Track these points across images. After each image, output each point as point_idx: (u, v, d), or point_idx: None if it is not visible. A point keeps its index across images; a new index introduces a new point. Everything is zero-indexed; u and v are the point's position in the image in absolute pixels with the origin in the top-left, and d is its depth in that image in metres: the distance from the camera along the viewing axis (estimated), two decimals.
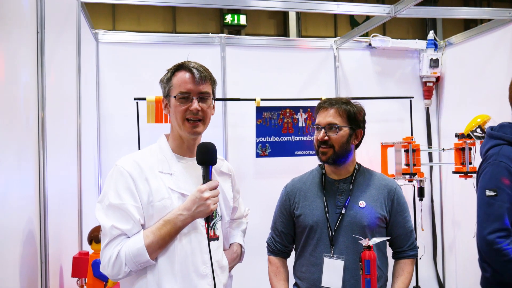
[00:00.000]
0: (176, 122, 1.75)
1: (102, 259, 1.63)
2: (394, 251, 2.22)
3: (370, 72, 4.32)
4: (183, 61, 1.80)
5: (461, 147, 3.59)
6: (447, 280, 4.38)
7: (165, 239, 1.65)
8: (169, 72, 1.80)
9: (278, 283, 2.22)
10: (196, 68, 1.75)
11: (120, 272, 1.61)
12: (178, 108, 1.73)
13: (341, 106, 2.11)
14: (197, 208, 1.65)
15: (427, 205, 4.36)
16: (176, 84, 1.75)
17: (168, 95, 1.78)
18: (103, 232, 1.65)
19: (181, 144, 1.80)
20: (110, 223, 1.63)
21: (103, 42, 3.77)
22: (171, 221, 1.65)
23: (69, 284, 2.51)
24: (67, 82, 2.79)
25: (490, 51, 3.75)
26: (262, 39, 4.24)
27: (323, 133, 2.09)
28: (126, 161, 1.72)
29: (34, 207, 2.02)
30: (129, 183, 1.66)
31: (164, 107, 1.81)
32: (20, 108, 1.89)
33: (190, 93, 1.73)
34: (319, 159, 2.16)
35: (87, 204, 3.14)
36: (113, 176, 1.69)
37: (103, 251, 1.63)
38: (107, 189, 1.68)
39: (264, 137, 3.85)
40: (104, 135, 3.73)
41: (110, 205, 1.65)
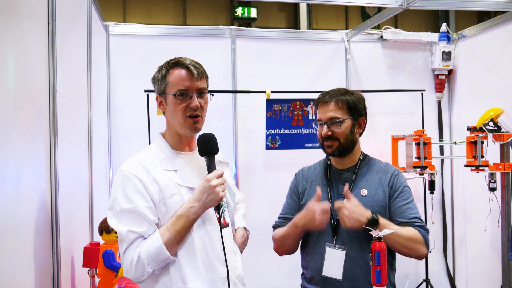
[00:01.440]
0: (176, 120, 1.74)
1: (124, 264, 1.64)
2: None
3: (382, 65, 4.29)
4: (176, 58, 1.78)
5: (473, 141, 3.56)
6: (457, 273, 4.36)
7: (181, 234, 1.66)
8: (163, 69, 1.78)
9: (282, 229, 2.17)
10: (192, 65, 1.74)
11: (144, 274, 1.62)
12: (178, 106, 1.72)
13: (339, 98, 2.09)
14: (207, 197, 1.66)
15: (438, 199, 4.34)
16: (173, 81, 1.73)
17: (164, 92, 1.76)
18: (120, 238, 1.65)
19: (179, 140, 1.79)
20: (126, 228, 1.62)
21: (114, 34, 3.78)
22: (184, 215, 1.66)
23: (80, 274, 2.54)
24: (78, 74, 2.80)
25: (504, 44, 3.71)
26: (273, 31, 4.22)
27: (326, 128, 2.08)
28: (130, 164, 1.72)
29: (46, 198, 2.03)
30: (137, 185, 1.66)
31: (159, 105, 1.80)
32: (32, 100, 1.90)
33: (189, 90, 1.72)
34: (325, 152, 2.14)
35: (98, 195, 3.16)
36: (119, 182, 1.68)
37: (123, 256, 1.64)
38: (116, 195, 1.67)
39: (274, 129, 3.85)
40: (114, 127, 3.75)
41: (122, 210, 1.64)
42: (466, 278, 4.24)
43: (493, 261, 3.75)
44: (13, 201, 1.64)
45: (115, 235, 2.41)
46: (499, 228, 3.50)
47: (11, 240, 1.61)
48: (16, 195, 1.67)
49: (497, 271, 3.56)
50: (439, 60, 4.22)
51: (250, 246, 2.04)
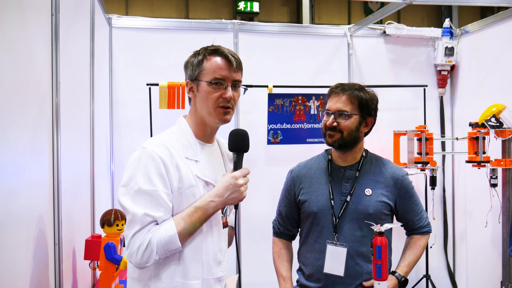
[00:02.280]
0: (206, 108, 1.67)
1: (130, 247, 1.54)
2: (408, 231, 2.23)
3: (384, 60, 4.28)
4: (215, 45, 1.72)
5: (474, 137, 3.56)
6: (457, 269, 4.37)
7: (196, 226, 1.61)
8: (200, 55, 1.70)
9: (281, 264, 2.23)
10: (232, 55, 1.68)
11: (149, 260, 1.54)
12: (211, 94, 1.65)
13: (353, 92, 2.07)
14: (230, 195, 1.62)
15: (439, 194, 4.34)
16: (210, 69, 1.67)
17: (197, 78, 1.69)
18: (131, 219, 1.55)
19: (204, 129, 1.73)
20: (142, 210, 1.54)
21: (117, 27, 3.77)
22: (202, 207, 1.61)
23: (81, 267, 2.55)
24: (81, 67, 2.80)
25: (507, 40, 3.70)
26: (275, 26, 4.21)
27: (332, 119, 2.06)
28: (156, 144, 1.62)
29: (48, 190, 2.04)
30: (160, 168, 1.57)
31: (189, 91, 1.72)
32: (34, 92, 1.90)
33: (225, 80, 1.66)
34: (325, 141, 2.13)
35: (100, 188, 3.17)
36: (142, 160, 1.58)
37: (132, 238, 1.54)
38: (134, 173, 1.58)
39: (275, 124, 3.85)
40: (116, 120, 3.75)
41: (139, 190, 1.55)
42: (466, 274, 4.25)
43: (494, 257, 3.75)
44: (16, 193, 1.65)
45: (116, 228, 2.42)
46: (500, 224, 3.51)
47: (13, 232, 1.61)
48: (18, 187, 1.68)
49: (498, 267, 3.57)
50: (442, 55, 4.21)
51: (250, 240, 2.06)
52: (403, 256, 2.16)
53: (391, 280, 2.04)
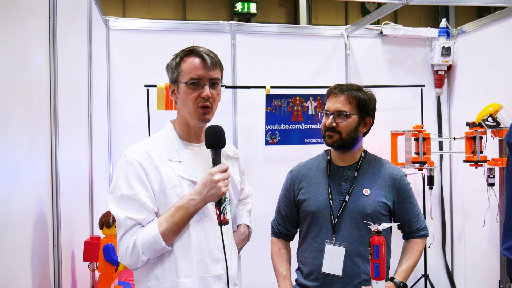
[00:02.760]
0: (187, 109, 1.71)
1: (120, 250, 1.64)
2: (405, 233, 2.24)
3: (381, 60, 4.29)
4: (191, 46, 1.74)
5: (472, 136, 3.57)
6: (455, 269, 4.38)
7: (179, 225, 1.64)
8: (178, 57, 1.73)
9: (280, 264, 2.24)
10: (207, 54, 1.70)
11: (138, 261, 1.61)
12: (189, 94, 1.68)
13: (351, 93, 2.09)
14: (209, 192, 1.64)
15: (437, 194, 4.35)
16: (186, 69, 1.69)
17: (176, 80, 1.72)
18: (117, 223, 1.65)
19: (188, 130, 1.76)
20: (124, 214, 1.62)
21: (114, 29, 3.77)
22: (183, 206, 1.64)
23: (80, 268, 2.55)
24: (79, 69, 2.80)
25: (503, 40, 3.71)
26: (273, 27, 4.23)
27: (331, 119, 2.08)
28: (134, 150, 1.69)
29: (47, 192, 2.04)
30: (139, 172, 1.64)
31: (171, 93, 1.76)
32: (33, 94, 1.90)
33: (201, 79, 1.68)
34: (324, 142, 2.15)
35: (98, 189, 3.17)
36: (123, 166, 1.66)
37: (120, 242, 1.63)
38: (118, 180, 1.66)
39: (273, 124, 3.86)
40: (114, 121, 3.76)
41: (122, 196, 1.63)
42: (464, 273, 4.26)
43: (492, 256, 3.76)
44: (14, 195, 1.65)
45: (115, 230, 2.42)
46: (498, 223, 3.52)
47: (11, 234, 1.62)
48: (17, 189, 1.68)
49: (496, 266, 3.58)
50: (439, 55, 4.23)
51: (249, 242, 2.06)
52: (401, 262, 2.17)
53: (389, 286, 2.05)
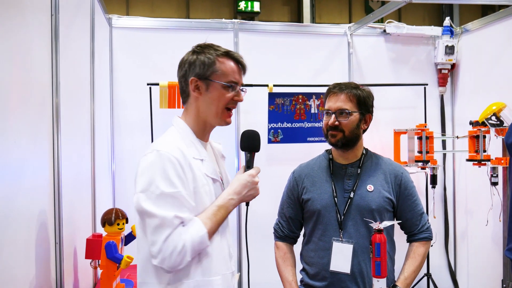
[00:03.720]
0: (214, 109, 1.70)
1: (163, 252, 1.52)
2: (407, 234, 2.23)
3: (384, 59, 4.28)
4: (227, 49, 1.75)
5: (475, 135, 3.55)
6: (458, 268, 4.37)
7: (219, 224, 1.65)
8: (212, 55, 1.70)
9: (286, 268, 2.24)
10: (243, 60, 1.75)
11: (182, 262, 1.55)
12: (224, 95, 1.69)
13: (351, 91, 2.11)
14: (248, 192, 1.69)
15: (440, 193, 4.34)
16: (225, 71, 1.69)
17: (207, 78, 1.69)
18: (160, 223, 1.53)
19: (203, 129, 1.75)
20: (172, 213, 1.53)
21: (117, 27, 3.78)
22: (224, 206, 1.65)
23: (82, 266, 2.56)
24: (81, 67, 2.81)
25: (507, 38, 3.69)
26: (276, 25, 4.21)
27: (334, 118, 2.09)
28: (169, 146, 1.62)
29: (49, 190, 2.05)
30: (178, 170, 1.58)
31: (194, 88, 1.71)
32: (35, 92, 1.91)
33: (237, 84, 1.72)
34: (328, 142, 2.15)
35: (100, 187, 3.18)
36: (159, 164, 1.57)
37: (164, 243, 1.52)
38: (153, 177, 1.56)
39: (276, 123, 3.85)
40: (117, 120, 3.76)
41: (162, 194, 1.54)
42: (467, 272, 4.25)
43: (495, 255, 3.75)
44: (16, 193, 1.66)
45: (117, 227, 2.43)
46: (501, 222, 3.51)
47: (14, 232, 1.62)
48: (19, 187, 1.68)
49: (499, 265, 3.57)
50: (442, 54, 4.21)
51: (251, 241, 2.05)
52: (403, 268, 2.17)
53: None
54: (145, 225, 1.58)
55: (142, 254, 1.65)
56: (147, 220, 1.56)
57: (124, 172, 3.75)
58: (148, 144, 3.57)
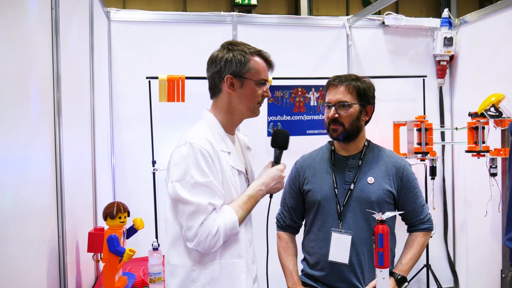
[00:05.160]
0: (248, 104, 1.85)
1: (199, 236, 1.67)
2: (408, 225, 2.24)
3: (383, 51, 4.28)
4: (258, 48, 1.91)
5: (474, 126, 3.56)
6: (457, 259, 4.40)
7: (249, 212, 1.82)
8: (246, 54, 1.84)
9: (287, 258, 2.25)
10: (271, 59, 1.92)
11: (216, 245, 1.70)
12: (256, 92, 1.84)
13: (350, 83, 2.11)
14: (275, 185, 1.85)
15: (439, 184, 4.36)
16: (258, 69, 1.84)
17: (242, 76, 1.82)
18: (196, 209, 1.68)
19: (232, 122, 1.89)
20: (206, 200, 1.68)
21: (115, 20, 3.76)
22: (254, 196, 1.81)
23: (85, 259, 2.56)
24: (81, 60, 2.80)
25: (506, 29, 3.70)
26: (274, 18, 4.20)
27: (334, 110, 2.09)
28: (199, 138, 1.75)
29: (51, 184, 2.05)
30: (209, 161, 1.71)
31: (230, 85, 1.83)
32: (36, 86, 1.90)
33: (267, 81, 1.89)
34: (330, 136, 2.16)
35: (101, 181, 3.18)
36: (192, 155, 1.70)
37: (200, 227, 1.67)
38: (188, 168, 1.70)
39: (275, 116, 3.86)
40: (116, 113, 3.75)
41: (196, 183, 1.69)
42: (466, 263, 4.28)
43: (493, 246, 3.78)
44: (19, 187, 1.66)
45: (119, 221, 2.43)
46: (500, 213, 3.53)
47: (16, 226, 1.62)
48: (21, 181, 1.69)
49: (497, 256, 3.59)
50: (441, 46, 4.21)
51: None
52: (401, 255, 2.18)
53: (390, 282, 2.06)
54: (180, 212, 1.73)
55: (171, 236, 1.82)
56: (182, 207, 1.71)
57: (123, 166, 3.75)
58: (148, 137, 3.59)
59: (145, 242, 3.09)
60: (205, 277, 1.75)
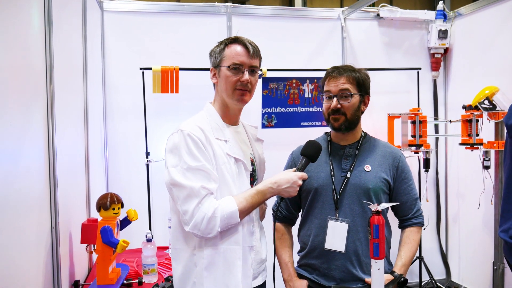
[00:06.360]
0: (226, 91, 1.88)
1: (195, 219, 1.72)
2: (400, 219, 2.24)
3: (378, 43, 4.27)
4: (236, 36, 1.94)
5: (468, 119, 3.58)
6: (450, 251, 4.43)
7: (254, 207, 1.84)
8: (222, 44, 1.92)
9: (283, 250, 2.25)
10: (250, 43, 1.90)
11: (212, 231, 1.73)
12: (230, 78, 1.86)
13: (350, 73, 2.12)
14: (287, 188, 1.83)
15: (432, 177, 4.38)
16: (229, 55, 1.88)
17: (218, 65, 1.89)
18: (189, 193, 1.72)
19: (227, 112, 1.93)
20: (199, 183, 1.72)
21: (108, 11, 3.73)
22: (263, 191, 1.83)
23: (78, 250, 2.56)
24: (74, 51, 2.77)
25: (500, 22, 3.70)
26: (269, 9, 4.18)
27: (336, 101, 2.09)
28: (191, 126, 1.80)
29: (44, 175, 2.03)
30: (200, 146, 1.76)
31: (212, 76, 1.93)
32: (29, 77, 1.88)
33: (242, 65, 1.87)
34: (330, 126, 2.15)
35: (94, 172, 3.16)
36: (183, 141, 1.76)
37: (194, 210, 1.71)
38: (180, 154, 1.75)
39: (270, 107, 3.85)
40: (110, 104, 3.73)
41: (189, 168, 1.73)
42: (458, 255, 4.31)
43: (486, 238, 3.80)
44: (12, 178, 1.64)
45: (112, 212, 2.42)
46: (492, 205, 3.55)
47: (11, 216, 1.61)
48: (14, 172, 1.67)
49: (490, 248, 3.62)
50: (435, 38, 4.21)
51: None
52: (400, 254, 2.16)
53: (388, 278, 2.06)
54: (175, 198, 1.77)
55: (173, 223, 1.88)
56: (177, 192, 1.75)
57: (117, 157, 3.73)
58: (142, 128, 3.57)
59: (139, 234, 3.09)
60: (203, 261, 1.79)
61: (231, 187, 1.83)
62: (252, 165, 1.99)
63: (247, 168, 1.91)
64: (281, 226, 2.30)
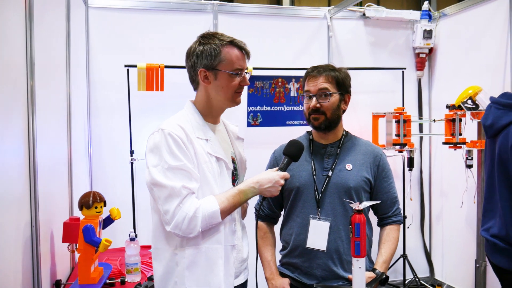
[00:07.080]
0: (225, 95, 1.86)
1: (176, 218, 1.70)
2: (380, 217, 2.26)
3: (364, 43, 4.29)
4: (230, 37, 1.89)
5: (451, 118, 3.61)
6: (433, 249, 4.47)
7: (235, 207, 1.82)
8: (217, 46, 1.84)
9: (265, 248, 2.26)
10: (246, 47, 1.90)
11: (193, 231, 1.72)
12: (232, 82, 1.85)
13: (329, 73, 2.13)
14: (268, 188, 1.83)
15: (416, 176, 4.41)
16: (230, 60, 1.84)
17: (215, 68, 1.84)
18: (170, 193, 1.71)
19: (211, 112, 1.92)
20: (180, 183, 1.71)
21: (93, 7, 3.69)
22: (245, 191, 1.82)
23: (60, 249, 2.53)
24: (57, 47, 2.74)
25: (484, 23, 3.74)
26: (255, 7, 4.17)
27: (315, 100, 2.10)
28: (171, 125, 1.78)
29: (24, 173, 2.00)
30: (180, 145, 1.74)
31: (204, 78, 1.86)
32: (9, 73, 1.86)
33: (243, 70, 1.88)
34: (311, 125, 2.17)
35: (77, 171, 3.13)
36: (163, 141, 1.74)
37: (175, 210, 1.70)
38: (161, 153, 1.73)
39: (255, 106, 3.84)
40: (94, 102, 3.69)
41: (169, 167, 1.72)
42: (442, 253, 4.35)
43: (468, 236, 3.84)
44: None
45: (95, 211, 2.40)
46: (475, 204, 3.58)
47: None
48: None
49: (472, 245, 3.66)
50: (420, 38, 4.24)
51: None
52: (380, 252, 2.18)
53: (370, 276, 2.07)
54: (156, 197, 1.75)
55: (154, 223, 1.85)
56: (158, 192, 1.74)
57: (101, 155, 3.70)
58: (126, 126, 3.54)
59: (122, 233, 3.06)
60: (185, 261, 1.78)
61: (213, 186, 1.81)
62: (233, 163, 1.98)
63: (229, 167, 1.90)
64: (264, 225, 2.30)
